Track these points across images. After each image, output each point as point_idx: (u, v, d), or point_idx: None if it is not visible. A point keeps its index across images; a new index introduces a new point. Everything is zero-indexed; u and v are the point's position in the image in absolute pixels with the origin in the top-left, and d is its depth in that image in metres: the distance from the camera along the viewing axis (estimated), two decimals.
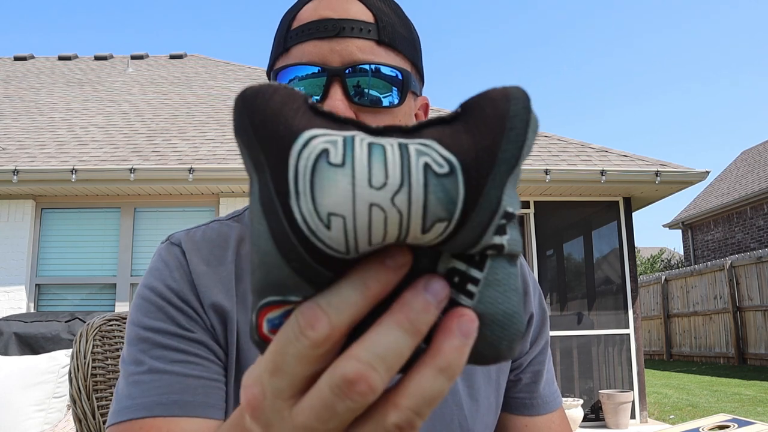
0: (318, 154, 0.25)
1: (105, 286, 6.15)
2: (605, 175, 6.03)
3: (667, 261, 23.28)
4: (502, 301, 0.28)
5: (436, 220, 0.26)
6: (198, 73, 10.19)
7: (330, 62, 0.63)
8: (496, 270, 0.28)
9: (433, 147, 0.26)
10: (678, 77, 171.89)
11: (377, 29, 0.65)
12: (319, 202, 0.25)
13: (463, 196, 0.26)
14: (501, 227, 0.27)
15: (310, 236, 0.25)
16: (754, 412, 6.43)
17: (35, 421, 2.44)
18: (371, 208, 0.25)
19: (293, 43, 0.65)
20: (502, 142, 0.26)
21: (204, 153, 6.39)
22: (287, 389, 0.28)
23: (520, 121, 0.27)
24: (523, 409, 0.80)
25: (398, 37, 0.66)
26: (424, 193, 0.25)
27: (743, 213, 15.15)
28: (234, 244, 0.70)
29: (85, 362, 0.97)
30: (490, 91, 0.27)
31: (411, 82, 0.67)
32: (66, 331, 3.14)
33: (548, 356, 0.83)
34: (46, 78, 9.83)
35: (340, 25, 0.64)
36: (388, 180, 0.25)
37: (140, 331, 0.64)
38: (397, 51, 0.66)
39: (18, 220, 6.06)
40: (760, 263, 11.00)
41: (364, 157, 0.25)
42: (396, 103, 0.65)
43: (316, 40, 0.64)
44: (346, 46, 0.63)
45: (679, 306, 13.38)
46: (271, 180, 0.26)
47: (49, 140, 6.79)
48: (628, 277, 6.46)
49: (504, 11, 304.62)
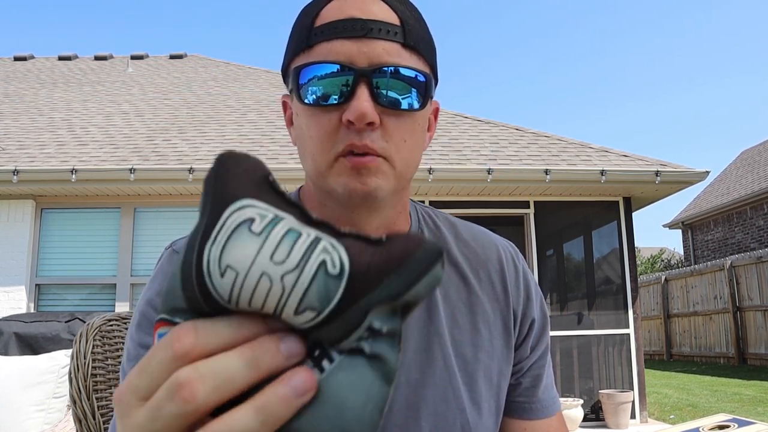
0: (244, 219, 0.30)
1: (105, 286, 6.15)
2: (605, 175, 6.03)
3: (667, 261, 23.28)
4: (348, 388, 0.31)
5: (308, 307, 0.30)
6: (198, 73, 10.19)
7: (357, 63, 0.62)
8: (354, 362, 0.31)
9: (339, 251, 0.30)
10: (678, 77, 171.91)
11: (403, 32, 0.65)
12: (226, 253, 0.30)
13: (339, 298, 0.30)
14: (366, 337, 0.31)
15: (206, 276, 0.30)
16: (754, 412, 6.43)
17: (35, 421, 2.44)
18: (262, 276, 0.29)
19: (318, 40, 0.64)
20: (393, 274, 0.30)
21: (204, 153, 6.39)
22: (143, 390, 0.30)
23: (417, 266, 0.31)
24: (522, 413, 0.80)
25: (421, 40, 0.66)
26: (309, 282, 0.29)
27: (743, 213, 15.15)
28: None
29: (85, 362, 0.97)
30: (414, 235, 0.32)
31: (432, 86, 0.67)
32: (66, 331, 3.14)
33: (548, 361, 0.84)
34: (46, 78, 9.83)
35: (368, 26, 0.63)
36: (287, 261, 0.29)
37: (137, 347, 0.67)
38: (421, 54, 0.66)
39: (18, 220, 6.06)
40: (760, 263, 11.00)
41: (278, 236, 0.30)
42: (418, 107, 0.65)
43: (343, 39, 0.63)
44: (374, 48, 0.63)
45: (679, 306, 13.37)
46: (204, 224, 0.31)
47: (49, 140, 6.79)
48: (628, 277, 6.46)
49: (502, 11, 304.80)
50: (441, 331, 0.72)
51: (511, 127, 7.51)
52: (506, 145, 6.88)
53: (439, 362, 0.71)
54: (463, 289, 0.76)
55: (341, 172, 0.63)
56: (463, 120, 7.72)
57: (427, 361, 0.71)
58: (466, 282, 0.76)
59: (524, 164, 6.20)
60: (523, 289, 0.79)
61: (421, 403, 0.69)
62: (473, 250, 0.79)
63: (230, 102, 8.47)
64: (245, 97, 8.63)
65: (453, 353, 0.72)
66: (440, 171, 5.95)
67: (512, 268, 0.80)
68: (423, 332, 0.72)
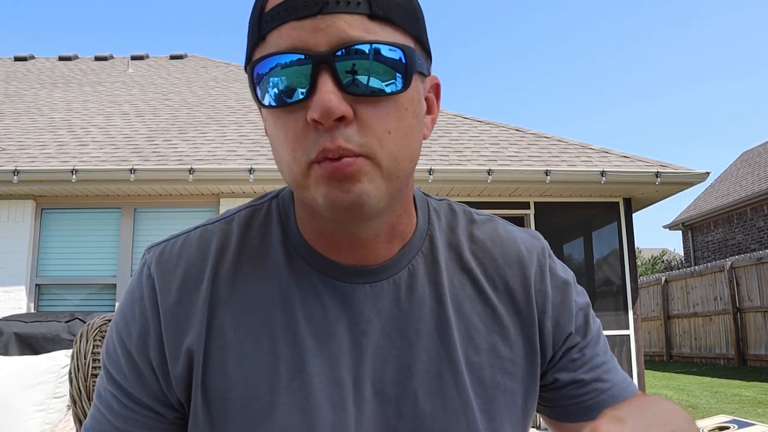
0: None
1: (105, 287, 6.15)
2: (605, 176, 6.03)
3: (667, 262, 23.28)
4: None
5: None
6: (198, 74, 10.19)
7: (314, 46, 0.52)
8: None
9: None
10: (678, 77, 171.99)
11: (368, 1, 0.52)
12: None
13: None
14: None
15: None
16: (754, 414, 6.43)
17: (35, 421, 2.44)
18: None
19: (269, 28, 0.54)
20: None
21: (204, 153, 6.39)
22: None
23: None
24: (590, 411, 0.68)
25: (395, 7, 0.54)
26: None
27: (743, 214, 15.15)
28: (212, 260, 0.63)
29: (85, 362, 0.97)
30: None
31: (416, 60, 0.55)
32: (66, 331, 3.14)
33: (603, 349, 0.73)
34: (47, 78, 9.83)
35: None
36: None
37: (104, 372, 0.65)
38: (396, 25, 0.54)
39: (18, 220, 6.06)
40: (760, 264, 11.00)
41: None
42: (399, 88, 0.53)
43: (295, 20, 0.52)
44: (333, 24, 0.52)
45: (680, 307, 13.37)
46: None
47: (50, 140, 6.79)
48: (628, 278, 6.46)
49: (502, 14, 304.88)
50: (455, 355, 0.63)
51: (512, 128, 7.52)
52: (507, 145, 6.89)
53: (451, 390, 0.62)
54: (478, 302, 0.66)
55: (318, 182, 0.53)
56: (464, 121, 7.73)
57: (438, 388, 0.62)
58: (481, 292, 0.66)
59: (525, 165, 6.20)
60: (550, 293, 0.68)
61: None
62: (490, 253, 0.68)
63: (230, 102, 8.47)
64: (245, 98, 8.63)
65: (468, 378, 0.63)
66: (440, 172, 5.96)
67: (537, 271, 0.69)
68: (433, 354, 0.62)
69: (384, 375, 0.61)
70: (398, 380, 0.61)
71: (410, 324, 0.63)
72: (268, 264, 0.63)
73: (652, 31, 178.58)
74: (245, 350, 0.60)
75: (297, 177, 0.55)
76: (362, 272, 0.63)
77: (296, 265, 0.63)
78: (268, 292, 0.62)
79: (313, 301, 0.62)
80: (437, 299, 0.64)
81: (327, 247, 0.63)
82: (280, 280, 0.62)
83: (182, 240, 0.66)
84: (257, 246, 0.65)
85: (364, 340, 0.61)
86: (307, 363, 0.60)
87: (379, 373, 0.61)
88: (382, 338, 0.62)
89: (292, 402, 0.59)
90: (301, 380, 0.59)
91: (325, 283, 0.62)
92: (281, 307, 0.61)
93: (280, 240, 0.65)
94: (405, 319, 0.63)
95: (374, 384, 0.61)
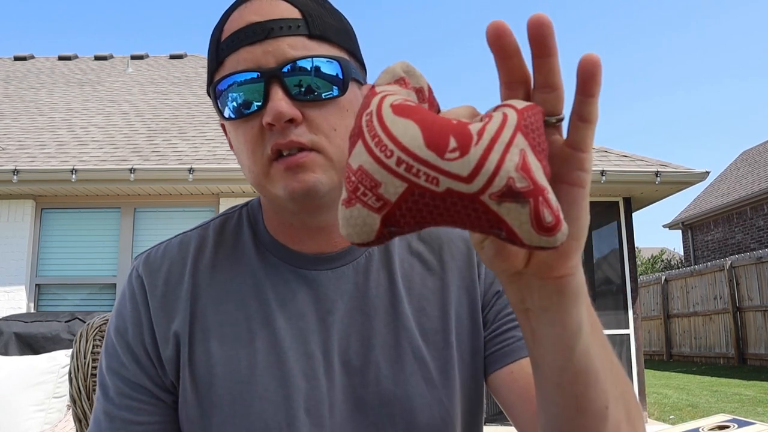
0: None
1: (105, 286, 6.15)
2: (605, 176, 6.03)
3: (667, 261, 23.27)
4: None
5: None
6: (198, 73, 10.18)
7: (265, 65, 0.63)
8: None
9: None
10: (678, 77, 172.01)
11: (306, 24, 0.65)
12: None
13: None
14: None
15: None
16: (754, 413, 6.43)
17: (35, 421, 2.44)
18: None
19: (225, 54, 0.65)
20: None
21: (204, 153, 6.39)
22: None
23: None
24: (505, 358, 0.73)
25: (329, 28, 0.66)
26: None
27: (743, 213, 15.15)
28: (191, 258, 0.73)
29: (85, 362, 0.97)
30: None
31: (351, 69, 0.67)
32: (66, 331, 3.14)
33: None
34: (46, 78, 9.82)
35: (268, 26, 0.64)
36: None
37: (103, 369, 0.71)
38: (331, 42, 0.66)
39: (18, 220, 6.06)
40: (760, 263, 11.00)
41: None
42: (338, 93, 0.65)
43: (248, 46, 0.64)
44: (278, 46, 0.63)
45: (679, 306, 13.37)
46: None
47: (49, 140, 6.79)
48: (628, 278, 6.46)
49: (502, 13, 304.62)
50: (408, 324, 0.71)
51: None
52: None
53: (408, 356, 0.70)
54: (428, 277, 0.75)
55: (277, 177, 0.64)
56: None
57: (397, 356, 0.70)
58: (428, 268, 0.75)
59: None
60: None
61: (394, 401, 0.68)
62: (435, 232, 0.78)
63: None
64: None
65: (423, 344, 0.71)
66: None
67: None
68: (390, 327, 0.71)
69: (349, 348, 0.70)
70: (362, 352, 0.70)
71: (368, 302, 0.72)
72: (242, 259, 0.73)
73: (652, 32, 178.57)
74: (225, 331, 0.69)
75: (258, 177, 0.66)
76: (323, 259, 0.72)
77: (266, 258, 0.73)
78: (242, 281, 0.71)
79: (282, 287, 0.71)
80: (390, 279, 0.73)
81: (292, 240, 0.73)
82: (252, 272, 0.72)
83: (164, 245, 0.76)
84: (231, 244, 0.75)
85: (330, 318, 0.70)
86: (281, 339, 0.68)
87: (344, 346, 0.70)
88: (345, 316, 0.71)
89: (270, 374, 0.67)
90: (276, 354, 0.67)
91: (292, 272, 0.72)
92: (255, 293, 0.71)
93: (250, 238, 0.75)
94: (364, 299, 0.72)
95: (341, 356, 0.69)
